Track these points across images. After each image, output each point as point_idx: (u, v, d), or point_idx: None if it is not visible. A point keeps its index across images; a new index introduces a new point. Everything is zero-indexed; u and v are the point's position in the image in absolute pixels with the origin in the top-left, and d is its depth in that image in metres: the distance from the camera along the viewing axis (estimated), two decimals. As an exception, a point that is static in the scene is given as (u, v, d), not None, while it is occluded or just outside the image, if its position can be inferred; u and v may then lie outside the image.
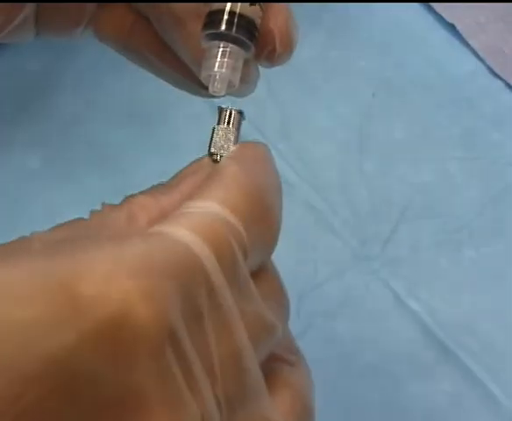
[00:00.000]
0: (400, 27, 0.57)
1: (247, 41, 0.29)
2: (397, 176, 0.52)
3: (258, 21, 0.29)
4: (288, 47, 0.30)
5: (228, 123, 0.29)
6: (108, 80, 0.54)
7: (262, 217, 0.26)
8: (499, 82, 0.55)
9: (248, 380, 0.24)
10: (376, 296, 0.48)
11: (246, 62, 0.30)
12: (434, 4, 0.57)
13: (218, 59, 0.28)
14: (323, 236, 0.50)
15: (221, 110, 0.29)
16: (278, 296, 0.28)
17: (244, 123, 0.52)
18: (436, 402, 0.46)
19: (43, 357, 0.19)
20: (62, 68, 0.54)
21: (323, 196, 0.51)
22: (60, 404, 0.19)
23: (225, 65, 0.28)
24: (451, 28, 0.56)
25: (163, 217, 0.25)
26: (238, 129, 0.29)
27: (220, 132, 0.29)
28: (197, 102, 0.35)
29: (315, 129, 0.52)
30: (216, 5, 0.29)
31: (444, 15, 0.56)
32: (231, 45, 0.28)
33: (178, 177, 0.28)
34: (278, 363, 0.27)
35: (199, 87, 0.32)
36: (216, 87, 0.28)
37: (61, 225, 0.25)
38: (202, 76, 0.29)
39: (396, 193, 0.51)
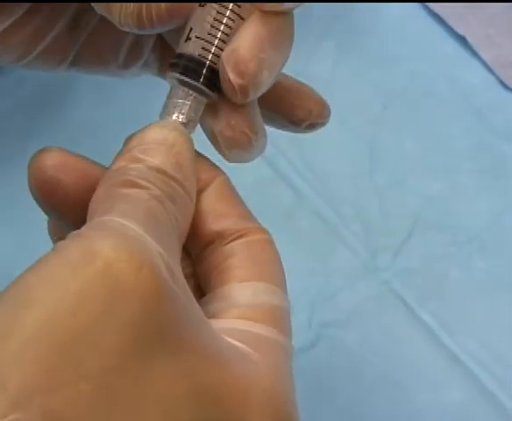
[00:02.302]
0: (410, 39, 0.57)
1: (208, 92, 0.28)
2: (408, 188, 0.52)
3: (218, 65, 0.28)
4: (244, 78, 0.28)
5: None
6: (119, 91, 0.54)
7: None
8: (509, 94, 0.55)
9: None
10: (387, 306, 0.49)
11: (253, 126, 0.29)
12: (445, 16, 0.57)
13: (177, 103, 0.28)
14: (334, 247, 0.50)
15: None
16: None
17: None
18: (446, 412, 0.46)
19: None
20: (74, 79, 0.55)
21: (334, 208, 0.51)
22: None
23: (185, 111, 0.28)
24: (462, 40, 0.57)
25: None
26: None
27: None
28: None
29: (326, 141, 0.52)
30: (184, 48, 0.28)
31: (454, 27, 0.57)
32: (193, 93, 0.28)
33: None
34: None
35: None
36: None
37: None
38: (162, 115, 0.29)
39: (407, 205, 0.52)
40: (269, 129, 0.32)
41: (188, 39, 0.28)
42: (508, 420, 0.46)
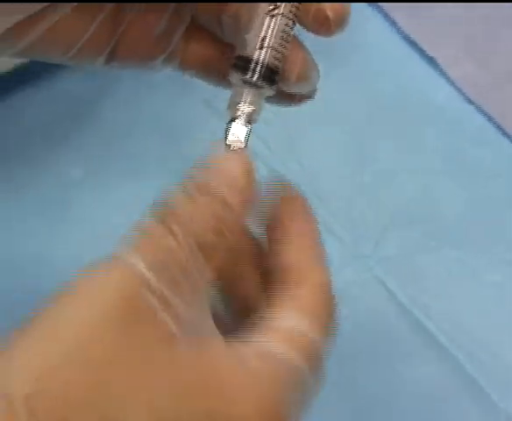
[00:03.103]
0: (386, 58, 0.61)
1: (269, 86, 0.32)
2: (388, 186, 0.55)
3: (280, 64, 0.32)
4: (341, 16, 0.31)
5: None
6: (146, 99, 0.57)
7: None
8: (472, 107, 0.59)
9: None
10: (371, 291, 0.51)
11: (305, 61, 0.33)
12: (417, 39, 0.61)
13: (242, 98, 0.32)
14: (323, 237, 0.53)
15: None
16: None
17: (254, 139, 0.56)
18: (421, 386, 0.48)
19: None
20: (105, 90, 0.57)
21: (324, 203, 0.54)
22: None
23: (248, 104, 0.32)
24: (431, 60, 0.61)
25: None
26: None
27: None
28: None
29: (316, 146, 0.56)
30: (247, 51, 0.32)
31: (425, 48, 0.61)
32: (254, 89, 0.32)
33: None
34: None
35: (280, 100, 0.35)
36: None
37: None
38: (229, 108, 0.32)
39: (388, 201, 0.55)
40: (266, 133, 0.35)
41: (262, 47, 0.31)
42: (480, 396, 0.48)
